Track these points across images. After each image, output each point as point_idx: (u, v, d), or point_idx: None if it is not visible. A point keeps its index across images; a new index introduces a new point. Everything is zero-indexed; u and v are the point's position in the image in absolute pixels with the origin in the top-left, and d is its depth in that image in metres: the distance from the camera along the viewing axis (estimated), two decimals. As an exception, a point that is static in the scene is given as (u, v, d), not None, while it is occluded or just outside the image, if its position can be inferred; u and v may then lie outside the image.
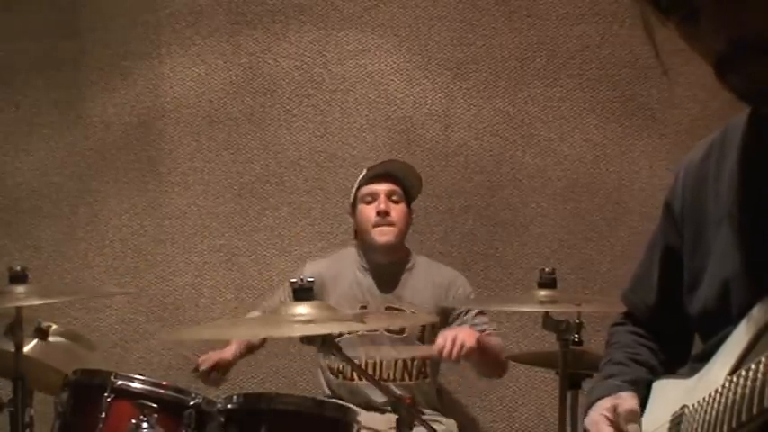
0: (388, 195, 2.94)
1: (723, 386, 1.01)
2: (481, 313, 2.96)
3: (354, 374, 2.89)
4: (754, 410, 0.91)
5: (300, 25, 3.64)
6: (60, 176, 3.70)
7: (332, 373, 2.96)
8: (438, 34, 3.61)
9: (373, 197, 2.94)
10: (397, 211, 2.93)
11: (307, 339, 2.06)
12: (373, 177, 2.97)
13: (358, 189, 2.98)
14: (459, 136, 3.60)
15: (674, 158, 1.26)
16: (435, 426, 2.37)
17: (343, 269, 3.00)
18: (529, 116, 3.59)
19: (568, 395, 2.43)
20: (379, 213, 2.91)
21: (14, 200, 3.70)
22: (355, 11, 3.63)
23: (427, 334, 2.94)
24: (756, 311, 1.05)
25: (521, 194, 3.58)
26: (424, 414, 2.80)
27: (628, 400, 1.28)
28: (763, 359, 0.92)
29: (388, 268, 2.97)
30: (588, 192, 3.56)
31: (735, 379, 0.98)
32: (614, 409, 1.27)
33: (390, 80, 3.63)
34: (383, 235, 2.91)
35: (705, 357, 1.18)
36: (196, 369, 2.83)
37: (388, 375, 2.91)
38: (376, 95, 3.63)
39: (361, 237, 3.00)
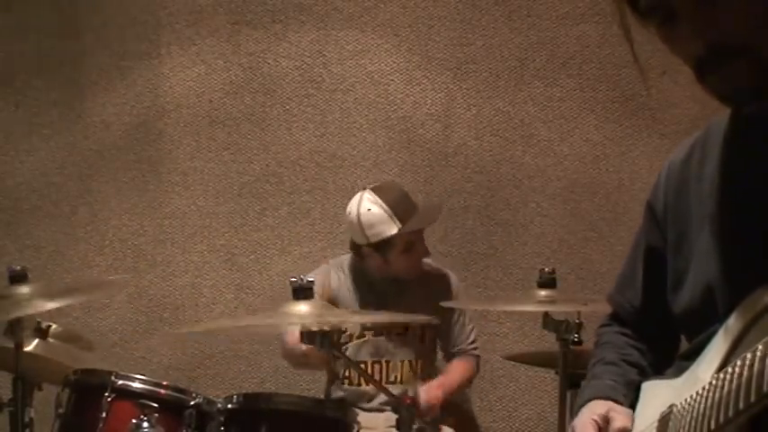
0: (421, 239, 2.93)
1: (710, 383, 1.02)
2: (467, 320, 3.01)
3: (361, 380, 2.88)
4: (741, 406, 0.92)
5: (300, 25, 3.64)
6: (60, 176, 3.69)
7: (336, 379, 2.95)
8: (438, 34, 3.61)
9: (411, 247, 2.88)
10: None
11: (307, 339, 2.07)
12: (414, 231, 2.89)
13: (389, 237, 2.84)
14: (459, 136, 3.60)
15: (673, 158, 1.28)
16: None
17: (340, 277, 2.99)
18: (529, 116, 3.59)
19: (568, 395, 2.43)
20: (417, 261, 2.90)
21: (14, 200, 3.70)
22: (355, 11, 3.63)
23: (428, 333, 2.94)
24: (739, 311, 1.06)
25: (521, 194, 3.58)
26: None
27: (622, 417, 1.27)
28: (748, 355, 0.92)
29: (388, 283, 2.96)
30: (588, 192, 3.56)
31: (721, 376, 0.99)
32: (606, 419, 1.27)
33: (390, 80, 3.63)
34: (417, 271, 2.92)
35: (691, 356, 1.18)
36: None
37: (395, 378, 2.91)
38: (376, 95, 3.63)
39: (380, 266, 2.92)
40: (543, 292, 2.39)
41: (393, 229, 2.81)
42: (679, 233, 1.25)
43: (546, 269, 2.44)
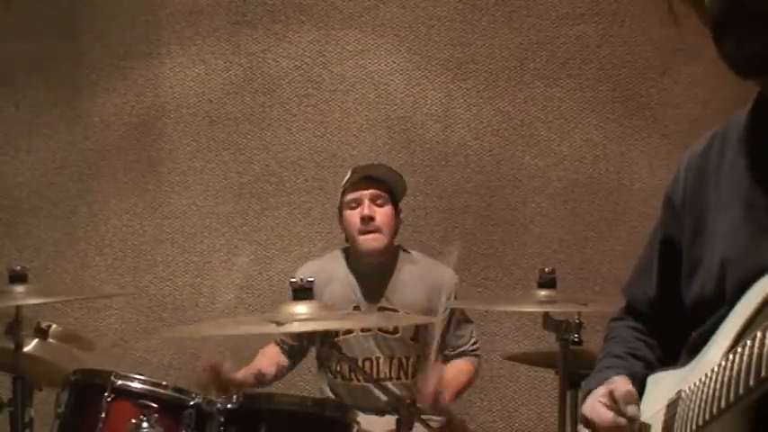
0: (373, 200, 2.86)
1: (719, 365, 1.02)
2: (467, 321, 2.97)
3: (352, 375, 2.88)
4: (752, 382, 0.92)
5: (300, 25, 3.64)
6: (60, 176, 3.69)
7: (330, 373, 2.95)
8: (438, 34, 3.61)
9: (357, 203, 2.86)
10: (381, 215, 2.86)
11: (307, 338, 2.06)
12: (357, 182, 2.88)
13: (343, 194, 2.90)
14: (460, 136, 3.60)
15: (674, 158, 1.28)
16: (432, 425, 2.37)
17: (334, 272, 2.97)
18: (529, 116, 3.59)
19: (568, 395, 2.43)
20: (363, 219, 2.83)
21: (14, 200, 3.70)
22: (355, 11, 3.63)
23: (421, 333, 2.93)
24: (750, 295, 1.07)
25: (521, 194, 3.58)
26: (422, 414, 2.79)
27: (623, 384, 1.29)
28: (758, 334, 0.93)
29: (377, 269, 2.95)
30: (588, 192, 3.56)
31: (731, 356, 0.99)
32: (610, 394, 1.28)
33: (390, 80, 3.63)
34: (369, 242, 2.85)
35: (697, 348, 1.20)
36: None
37: (385, 374, 2.90)
38: (376, 95, 3.63)
39: (349, 242, 2.95)
40: (543, 292, 2.39)
41: (346, 177, 2.90)
42: (697, 222, 1.27)
43: (546, 269, 2.44)
